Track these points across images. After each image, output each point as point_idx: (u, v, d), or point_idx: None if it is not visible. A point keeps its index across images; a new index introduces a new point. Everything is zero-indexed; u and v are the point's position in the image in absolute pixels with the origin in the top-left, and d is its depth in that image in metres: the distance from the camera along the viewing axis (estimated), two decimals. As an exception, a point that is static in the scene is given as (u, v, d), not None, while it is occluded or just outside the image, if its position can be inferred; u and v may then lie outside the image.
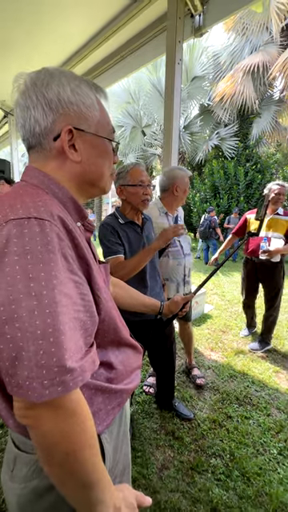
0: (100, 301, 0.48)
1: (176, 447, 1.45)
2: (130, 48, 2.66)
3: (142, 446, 1.45)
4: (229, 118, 8.63)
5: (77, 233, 0.45)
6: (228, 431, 1.57)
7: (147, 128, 9.73)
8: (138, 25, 2.41)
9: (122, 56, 2.81)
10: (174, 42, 2.07)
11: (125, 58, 2.81)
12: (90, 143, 0.51)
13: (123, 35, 2.53)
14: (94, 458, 0.39)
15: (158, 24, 2.36)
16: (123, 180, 1.28)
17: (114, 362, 0.55)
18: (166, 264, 1.71)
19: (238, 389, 1.94)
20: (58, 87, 0.46)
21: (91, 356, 0.41)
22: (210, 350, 2.53)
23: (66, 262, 0.40)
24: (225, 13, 1.99)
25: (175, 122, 2.05)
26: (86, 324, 0.43)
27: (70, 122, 0.47)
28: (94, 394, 0.50)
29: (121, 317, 0.62)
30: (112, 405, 0.53)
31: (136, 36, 2.57)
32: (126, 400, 0.57)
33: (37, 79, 0.46)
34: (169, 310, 0.98)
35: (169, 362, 1.62)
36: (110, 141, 0.55)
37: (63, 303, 0.37)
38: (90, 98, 0.49)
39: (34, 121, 0.46)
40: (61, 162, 0.49)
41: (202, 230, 6.65)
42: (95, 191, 0.56)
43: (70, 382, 0.35)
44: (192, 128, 9.15)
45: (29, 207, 0.39)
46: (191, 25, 2.15)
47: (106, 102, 0.54)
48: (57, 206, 0.44)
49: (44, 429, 0.35)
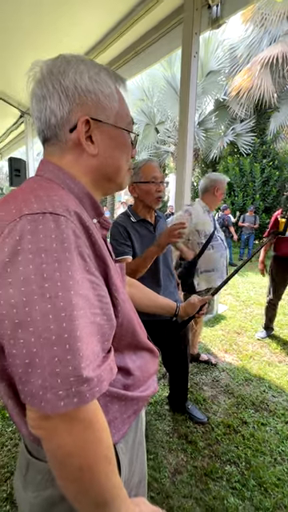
0: (118, 303, 0.45)
1: (189, 451, 1.41)
2: (146, 42, 2.61)
3: (154, 448, 1.43)
4: (245, 113, 8.37)
5: (94, 230, 0.43)
6: (243, 437, 1.51)
7: (160, 125, 9.63)
8: (153, 18, 2.35)
9: (137, 51, 2.76)
10: (190, 34, 2.01)
11: (139, 54, 2.77)
12: (108, 135, 0.48)
13: (139, 29, 2.48)
14: (111, 473, 0.36)
15: (174, 16, 2.29)
16: (135, 177, 1.25)
17: (131, 367, 0.52)
18: (210, 256, 1.91)
19: (253, 393, 1.87)
20: (75, 74, 0.43)
21: (109, 363, 0.39)
22: (224, 351, 2.46)
23: (82, 261, 0.37)
24: (243, 3, 1.91)
25: (190, 116, 1.99)
26: (104, 328, 0.40)
27: (88, 112, 0.45)
28: (110, 402, 0.47)
29: (139, 319, 0.59)
30: (128, 413, 0.50)
31: (151, 30, 2.51)
32: (142, 408, 0.54)
33: (53, 66, 0.43)
34: (185, 312, 0.93)
35: (182, 363, 1.59)
36: (128, 133, 0.51)
37: (80, 306, 0.34)
38: (109, 86, 0.46)
39: (49, 111, 0.44)
40: (77, 155, 0.46)
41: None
42: (112, 187, 0.53)
43: (87, 392, 0.33)
44: (206, 124, 8.96)
45: (43, 201, 0.36)
46: (208, 16, 2.08)
47: (126, 92, 0.51)
48: (73, 201, 0.42)
49: (58, 441, 0.33)
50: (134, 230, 1.26)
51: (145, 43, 2.62)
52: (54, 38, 2.50)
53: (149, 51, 2.67)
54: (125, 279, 0.65)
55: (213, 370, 2.16)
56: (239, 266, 1.05)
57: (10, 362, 0.33)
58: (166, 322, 1.25)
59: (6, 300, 0.32)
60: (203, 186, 2.03)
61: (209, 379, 2.04)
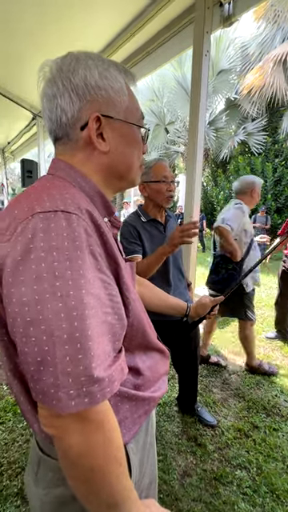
0: (129, 302, 0.45)
1: (199, 454, 1.40)
2: (157, 43, 2.60)
3: (163, 449, 1.42)
4: (257, 112, 8.23)
5: (105, 228, 0.42)
6: (255, 442, 1.48)
7: (170, 125, 9.61)
8: (164, 18, 2.34)
9: (148, 52, 2.75)
10: (201, 33, 1.99)
11: (151, 54, 2.76)
12: (119, 131, 0.47)
13: (150, 30, 2.48)
14: (121, 475, 0.36)
15: (185, 16, 2.27)
16: (146, 176, 1.25)
17: (141, 367, 0.52)
18: (254, 256, 1.98)
19: (265, 397, 1.83)
20: (85, 71, 0.43)
21: (120, 364, 0.38)
22: (234, 354, 2.42)
23: (93, 260, 0.37)
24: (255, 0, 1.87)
25: (201, 116, 1.97)
26: (115, 328, 0.39)
27: (98, 109, 0.44)
28: (121, 402, 0.47)
29: (149, 319, 0.59)
30: (139, 413, 0.50)
31: (162, 30, 2.50)
32: (152, 408, 0.53)
33: (62, 64, 0.43)
34: (196, 312, 0.92)
35: (192, 364, 1.57)
36: (139, 128, 0.51)
37: (91, 305, 0.34)
38: (118, 81, 0.46)
39: (60, 110, 0.44)
40: (88, 153, 0.46)
41: None
42: (123, 184, 0.52)
43: (98, 393, 0.33)
44: (217, 124, 8.87)
45: (56, 199, 0.36)
46: (220, 14, 2.05)
47: (135, 86, 0.50)
48: (84, 199, 0.42)
49: (70, 441, 0.33)
50: (144, 229, 1.25)
51: (156, 43, 2.61)
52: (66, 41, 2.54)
53: (160, 51, 2.66)
54: (135, 278, 0.64)
55: (223, 372, 2.12)
56: (253, 266, 1.03)
57: (22, 360, 0.33)
58: (176, 322, 1.24)
59: (18, 298, 0.33)
60: (239, 187, 2.10)
61: (218, 382, 2.01)
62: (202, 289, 3.30)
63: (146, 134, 0.54)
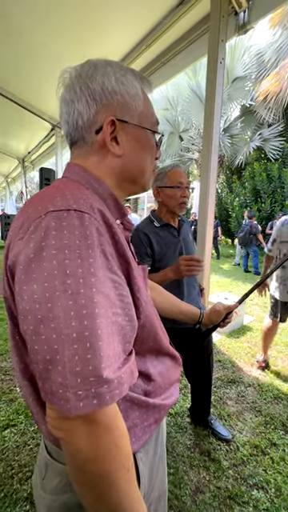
0: (140, 304, 0.44)
1: (212, 470, 1.33)
2: (172, 52, 2.65)
3: (174, 462, 1.37)
4: (273, 118, 8.11)
5: (117, 229, 0.43)
6: (273, 461, 1.39)
7: (184, 133, 9.68)
8: (180, 28, 2.39)
9: (163, 62, 2.82)
10: (216, 41, 2.01)
11: (166, 64, 2.82)
12: (133, 135, 0.48)
13: (165, 40, 2.54)
14: (129, 484, 0.35)
15: (201, 25, 2.31)
16: (161, 182, 1.25)
17: (152, 372, 0.50)
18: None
19: (284, 413, 1.73)
20: (103, 77, 0.44)
21: (129, 366, 0.37)
22: (251, 365, 2.32)
23: (105, 259, 0.37)
24: (272, 6, 1.87)
25: (216, 123, 1.97)
26: (125, 329, 0.39)
27: (113, 113, 0.46)
28: (130, 408, 0.46)
29: (161, 323, 0.58)
30: (149, 421, 0.48)
31: (178, 40, 2.55)
32: (163, 417, 0.52)
33: (81, 71, 0.45)
34: (209, 319, 0.89)
35: (206, 374, 1.52)
36: (153, 133, 0.51)
37: (101, 304, 0.34)
38: (134, 87, 0.47)
39: (77, 114, 0.45)
40: (102, 156, 0.47)
41: (241, 235, 6.30)
42: (135, 188, 0.53)
43: (107, 394, 0.32)
44: (232, 130, 8.82)
45: (68, 199, 0.37)
46: (235, 23, 2.07)
47: (151, 93, 0.51)
48: (97, 200, 0.42)
49: (77, 445, 0.32)
50: (156, 235, 1.25)
51: (171, 53, 2.66)
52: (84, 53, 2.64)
53: (175, 61, 2.71)
54: (147, 282, 0.64)
55: (238, 384, 2.04)
56: (269, 273, 0.99)
57: (32, 359, 0.33)
58: (189, 330, 1.21)
59: (29, 295, 0.33)
60: None
61: (233, 394, 1.93)
62: (216, 296, 3.22)
63: (160, 139, 0.54)
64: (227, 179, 10.64)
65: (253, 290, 0.95)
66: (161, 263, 1.24)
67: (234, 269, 6.72)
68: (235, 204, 8.67)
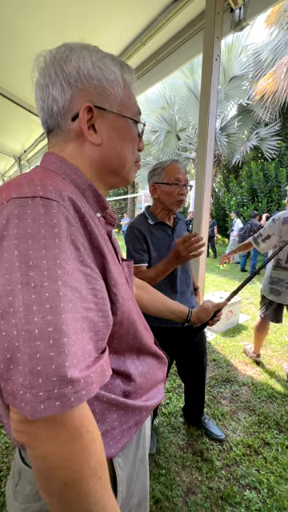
0: (117, 299, 0.42)
1: (204, 470, 1.32)
2: (168, 50, 2.64)
3: (166, 463, 1.35)
4: (270, 117, 8.12)
5: (92, 220, 0.40)
6: (266, 460, 1.38)
7: (182, 132, 9.66)
8: (175, 26, 2.37)
9: (159, 60, 2.80)
10: (211, 38, 2.00)
11: (161, 61, 2.80)
12: (112, 124, 0.46)
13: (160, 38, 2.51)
14: (102, 492, 0.33)
15: (196, 22, 2.29)
16: (158, 177, 1.20)
17: (132, 372, 0.48)
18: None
19: (278, 412, 1.72)
20: (78, 60, 0.42)
21: (101, 364, 0.35)
22: (245, 364, 2.32)
23: (75, 251, 0.35)
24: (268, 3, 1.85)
25: (211, 119, 1.96)
26: (98, 325, 0.36)
27: (90, 100, 0.43)
28: (107, 410, 0.44)
29: (145, 321, 0.56)
30: (128, 424, 0.46)
31: (173, 37, 2.54)
32: (145, 419, 0.49)
33: (56, 54, 0.43)
34: (198, 318, 0.86)
35: (199, 374, 1.50)
36: (135, 123, 0.49)
37: (68, 298, 0.31)
38: (113, 73, 0.45)
39: (51, 99, 0.43)
40: (79, 145, 0.45)
41: (241, 233, 6.27)
42: (117, 180, 0.50)
43: (71, 396, 0.29)
44: (229, 129, 8.83)
45: (35, 186, 0.35)
46: (231, 19, 2.06)
47: (133, 81, 0.49)
48: (70, 189, 0.40)
49: (41, 450, 0.30)
50: (150, 233, 1.22)
51: (166, 50, 2.64)
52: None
53: (170, 58, 2.69)
54: (132, 279, 0.61)
55: (232, 383, 2.03)
56: (258, 269, 0.97)
57: None
58: (181, 328, 1.20)
59: None
60: None
61: (228, 393, 1.92)
62: (211, 295, 3.21)
63: (143, 129, 0.52)
64: (224, 178, 10.65)
65: (241, 287, 0.93)
66: (155, 261, 1.21)
67: (230, 268, 6.72)
68: (232, 203, 8.68)
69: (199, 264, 2.08)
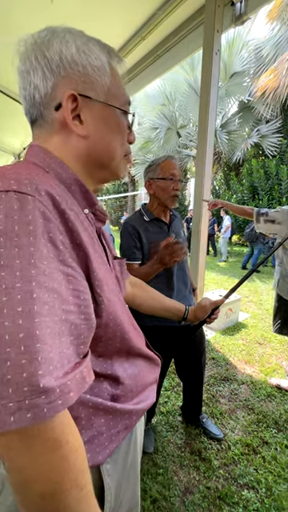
0: (101, 301, 0.40)
1: (202, 470, 1.31)
2: (168, 45, 2.60)
3: (164, 462, 1.35)
4: (271, 114, 8.04)
5: (76, 216, 0.38)
6: (264, 460, 1.38)
7: (182, 129, 9.58)
8: (175, 20, 2.33)
9: (159, 55, 2.76)
10: (212, 32, 1.97)
11: (162, 56, 2.76)
12: (99, 114, 0.43)
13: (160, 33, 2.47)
14: (84, 502, 0.31)
15: (196, 16, 2.26)
16: (153, 173, 1.20)
17: (121, 375, 0.46)
18: None
19: (276, 411, 1.71)
20: (61, 44, 0.39)
21: (81, 371, 0.32)
22: (245, 362, 2.31)
23: (54, 249, 0.33)
24: (267, -3, 1.82)
25: (211, 113, 1.94)
26: (79, 328, 0.34)
27: (74, 88, 0.41)
28: (94, 415, 0.42)
29: (134, 322, 0.54)
30: (117, 428, 0.44)
31: (173, 32, 2.50)
32: (135, 423, 0.48)
33: (38, 38, 0.40)
34: (195, 316, 0.84)
35: (197, 373, 1.49)
36: (124, 114, 0.47)
37: (44, 300, 0.29)
38: (99, 59, 0.42)
39: (33, 87, 0.40)
40: (65, 137, 0.42)
41: (248, 231, 6.21)
42: (105, 174, 0.48)
43: (45, 406, 0.27)
44: (229, 126, 8.74)
45: (9, 179, 0.33)
46: (231, 13, 2.02)
47: (122, 69, 0.47)
48: (53, 182, 0.38)
49: (17, 463, 0.28)
50: (145, 229, 1.21)
51: (166, 45, 2.60)
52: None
53: (171, 53, 2.66)
54: (124, 277, 0.60)
55: (231, 381, 2.02)
56: (256, 266, 0.95)
57: None
58: (179, 327, 1.18)
59: None
60: None
61: (226, 392, 1.91)
62: (211, 293, 3.20)
63: (133, 120, 0.49)
64: (225, 176, 10.58)
65: (239, 285, 0.91)
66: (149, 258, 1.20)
67: (230, 266, 6.70)
68: (233, 201, 8.63)
69: (199, 262, 2.07)
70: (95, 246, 0.43)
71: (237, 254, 8.09)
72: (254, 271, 0.92)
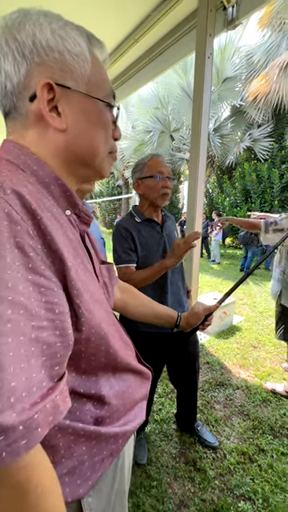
0: (81, 313, 0.36)
1: (197, 481, 1.27)
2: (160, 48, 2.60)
3: (158, 474, 1.30)
4: (262, 118, 8.18)
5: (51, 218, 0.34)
6: (260, 468, 1.34)
7: (175, 132, 9.65)
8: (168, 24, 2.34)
9: (152, 58, 2.76)
10: (204, 35, 1.97)
11: (154, 60, 2.77)
12: (79, 106, 0.39)
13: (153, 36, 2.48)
14: None
15: (189, 20, 2.27)
16: (140, 173, 1.17)
17: (106, 394, 0.42)
18: None
19: (272, 416, 1.69)
20: (34, 27, 0.36)
21: (54, 399, 0.28)
22: (239, 366, 2.29)
23: (21, 256, 0.29)
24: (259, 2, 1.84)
25: (204, 116, 1.93)
26: (53, 347, 0.30)
27: (50, 76, 0.37)
28: (74, 442, 0.37)
29: (122, 333, 0.50)
30: (101, 455, 0.40)
31: (166, 35, 2.50)
32: (122, 446, 0.43)
33: (9, 20, 0.36)
34: (187, 322, 0.80)
35: (191, 379, 1.46)
36: (108, 107, 0.43)
37: (6, 317, 0.25)
38: (78, 44, 0.38)
39: (4, 75, 0.36)
40: (41, 130, 0.38)
41: (242, 234, 6.25)
42: (88, 173, 0.44)
43: (4, 450, 0.23)
44: (222, 130, 8.85)
45: None
46: (224, 18, 2.03)
47: (104, 57, 0.43)
48: (24, 181, 0.34)
49: None
50: (137, 231, 1.17)
51: (160, 48, 2.61)
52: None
53: (164, 56, 2.66)
54: (113, 283, 0.56)
55: (226, 386, 1.99)
56: (251, 270, 0.92)
57: None
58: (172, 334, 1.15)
59: None
60: None
61: (221, 397, 1.88)
62: (205, 296, 3.18)
63: (117, 114, 0.45)
64: (218, 179, 10.68)
65: (233, 289, 0.88)
66: (144, 260, 1.16)
67: (224, 268, 6.72)
68: (226, 204, 8.70)
69: (192, 264, 2.04)
70: (77, 251, 0.40)
71: (230, 257, 8.13)
72: (248, 276, 0.90)
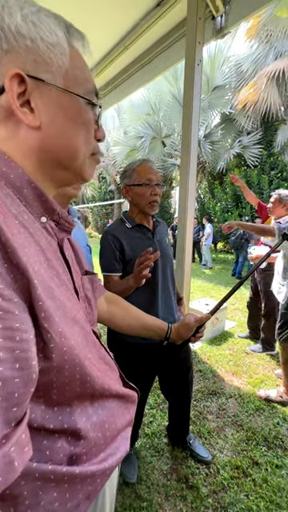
0: (50, 338, 0.30)
1: (190, 500, 1.21)
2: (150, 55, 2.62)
3: (148, 493, 1.23)
4: (252, 126, 8.38)
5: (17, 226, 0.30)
6: (255, 483, 1.30)
7: (167, 139, 9.76)
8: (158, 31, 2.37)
9: (142, 64, 2.78)
10: (193, 43, 1.99)
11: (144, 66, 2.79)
12: (55, 101, 0.35)
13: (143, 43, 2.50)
14: None
15: (179, 29, 2.30)
16: (129, 179, 1.13)
17: (82, 427, 0.36)
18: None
19: (265, 426, 1.65)
20: (2, 11, 0.31)
21: (7, 453, 0.23)
22: (232, 374, 2.25)
23: None
24: (248, 11, 1.88)
25: (194, 122, 1.93)
26: (10, 384, 0.25)
27: (21, 66, 0.32)
28: (43, 488, 0.31)
29: (104, 354, 0.44)
30: (76, 500, 0.34)
31: (156, 43, 2.53)
32: (101, 486, 0.38)
33: None
34: (178, 334, 0.75)
35: (184, 391, 1.41)
36: (90, 105, 0.39)
37: None
38: (53, 33, 0.34)
39: None
40: (12, 127, 0.34)
41: (233, 239, 6.29)
42: (67, 176, 0.40)
43: None
44: (213, 137, 9.01)
45: None
46: (212, 27, 2.07)
47: (85, 50, 0.38)
48: None
49: None
50: (127, 237, 1.13)
51: (150, 56, 2.63)
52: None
53: (154, 63, 2.69)
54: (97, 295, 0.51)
55: (219, 395, 1.95)
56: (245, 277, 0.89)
57: None
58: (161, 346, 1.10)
59: None
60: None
61: (214, 407, 1.83)
62: (197, 302, 3.15)
63: (100, 113, 0.41)
64: (209, 185, 10.82)
65: (227, 298, 0.84)
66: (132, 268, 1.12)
67: (216, 273, 6.74)
68: (217, 209, 8.80)
69: (184, 269, 2.02)
70: (51, 263, 0.35)
71: (222, 261, 8.18)
72: (240, 285, 0.86)
